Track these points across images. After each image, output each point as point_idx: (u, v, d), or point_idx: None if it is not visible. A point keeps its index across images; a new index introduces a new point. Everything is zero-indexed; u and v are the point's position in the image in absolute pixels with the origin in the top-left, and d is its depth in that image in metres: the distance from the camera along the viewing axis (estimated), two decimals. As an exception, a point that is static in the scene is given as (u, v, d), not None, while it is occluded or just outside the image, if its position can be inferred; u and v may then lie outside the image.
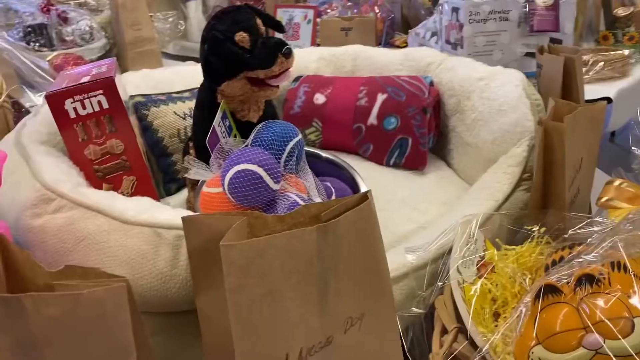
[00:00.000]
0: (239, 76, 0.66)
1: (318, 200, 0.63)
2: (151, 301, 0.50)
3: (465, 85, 0.94)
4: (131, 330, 0.36)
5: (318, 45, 1.68)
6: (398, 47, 1.80)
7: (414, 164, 0.96)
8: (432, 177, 0.95)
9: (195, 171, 0.65)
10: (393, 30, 1.94)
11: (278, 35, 1.03)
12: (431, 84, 1.00)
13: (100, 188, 0.72)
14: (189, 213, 0.53)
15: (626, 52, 1.49)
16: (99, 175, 0.74)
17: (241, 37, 0.65)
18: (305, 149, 0.71)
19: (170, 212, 0.53)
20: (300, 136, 0.65)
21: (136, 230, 0.51)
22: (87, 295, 0.33)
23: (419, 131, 0.94)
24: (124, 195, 0.71)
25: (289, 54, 0.64)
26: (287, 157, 0.62)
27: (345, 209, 0.42)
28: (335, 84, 1.04)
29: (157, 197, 0.73)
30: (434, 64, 1.05)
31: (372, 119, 0.98)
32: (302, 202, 0.59)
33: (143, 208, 0.54)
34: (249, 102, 0.71)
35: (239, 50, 0.64)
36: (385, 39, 1.92)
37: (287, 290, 0.39)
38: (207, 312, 0.45)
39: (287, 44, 0.64)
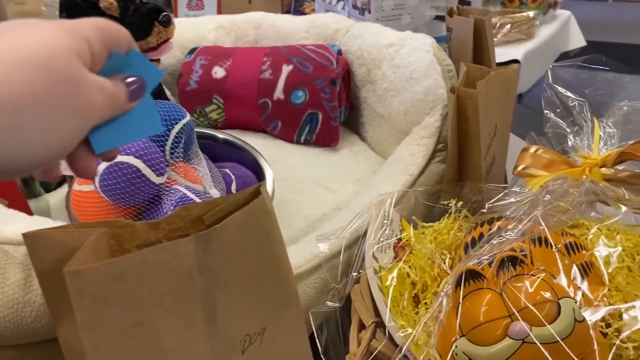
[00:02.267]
0: (108, 50, 0.55)
1: (214, 191, 0.55)
2: (3, 333, 0.40)
3: (374, 53, 0.88)
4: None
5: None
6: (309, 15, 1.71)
7: (326, 139, 0.90)
8: (346, 153, 0.89)
9: (65, 165, 0.54)
10: (302, -3, 1.86)
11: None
12: (339, 52, 0.93)
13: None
14: (48, 222, 0.44)
15: (531, 14, 1.51)
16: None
17: (107, 3, 0.54)
18: (199, 130, 0.63)
19: (21, 223, 0.42)
20: (188, 117, 0.56)
21: (-24, 249, 0.40)
22: None
23: (329, 105, 0.87)
24: (-21, 199, 0.59)
25: (167, 22, 0.54)
26: (173, 143, 0.53)
27: (236, 208, 0.35)
28: (235, 56, 0.95)
29: (23, 197, 0.62)
30: (341, 31, 0.98)
31: (279, 93, 0.90)
32: (193, 196, 0.51)
33: (-13, 219, 0.43)
34: (126, 81, 0.60)
35: (105, 19, 0.54)
36: (294, 7, 1.84)
37: (162, 318, 0.31)
38: (71, 343, 0.36)
39: (164, 11, 0.55)
